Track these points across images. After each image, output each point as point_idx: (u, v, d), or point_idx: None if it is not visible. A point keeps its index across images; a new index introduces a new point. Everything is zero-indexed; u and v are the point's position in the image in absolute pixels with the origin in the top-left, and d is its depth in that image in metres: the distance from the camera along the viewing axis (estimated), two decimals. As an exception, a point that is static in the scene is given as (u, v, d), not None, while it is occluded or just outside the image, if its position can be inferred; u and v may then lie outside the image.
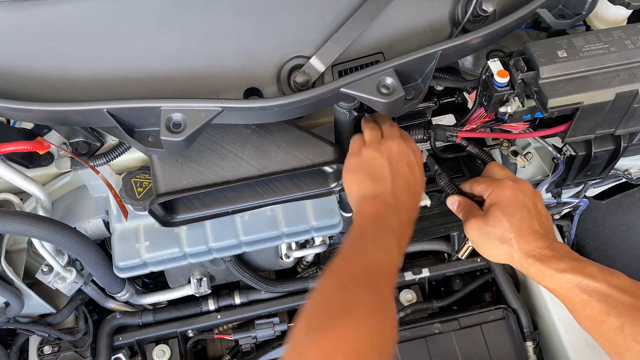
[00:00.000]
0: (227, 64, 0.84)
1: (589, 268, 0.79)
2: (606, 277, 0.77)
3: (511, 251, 0.86)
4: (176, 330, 1.34)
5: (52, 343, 1.30)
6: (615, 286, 0.75)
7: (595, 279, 0.77)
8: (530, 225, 0.87)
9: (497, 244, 0.87)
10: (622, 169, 1.17)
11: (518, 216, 0.87)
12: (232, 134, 0.94)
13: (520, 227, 0.86)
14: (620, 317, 0.73)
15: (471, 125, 1.02)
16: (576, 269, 0.79)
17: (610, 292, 0.75)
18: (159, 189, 0.91)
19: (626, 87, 0.86)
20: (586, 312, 0.77)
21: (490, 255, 0.90)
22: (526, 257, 0.85)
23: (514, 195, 0.89)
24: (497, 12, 0.89)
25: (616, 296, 0.74)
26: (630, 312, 0.72)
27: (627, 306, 0.73)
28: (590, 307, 0.76)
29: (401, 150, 0.90)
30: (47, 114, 0.79)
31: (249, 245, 1.15)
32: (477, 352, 1.32)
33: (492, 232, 0.88)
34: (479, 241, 0.91)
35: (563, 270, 0.80)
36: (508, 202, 0.88)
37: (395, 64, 0.81)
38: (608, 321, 0.74)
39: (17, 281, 1.12)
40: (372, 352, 0.65)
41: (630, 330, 0.71)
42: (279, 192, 1.03)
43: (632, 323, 0.71)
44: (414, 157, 0.91)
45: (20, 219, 0.91)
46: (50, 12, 0.81)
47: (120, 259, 1.11)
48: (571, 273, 0.79)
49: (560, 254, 0.82)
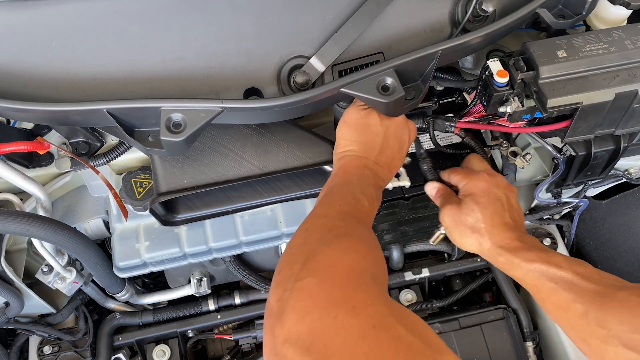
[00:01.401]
0: (227, 64, 0.84)
1: (556, 258, 0.81)
2: (572, 266, 0.79)
3: (481, 241, 0.90)
4: (176, 330, 1.34)
5: (52, 343, 1.30)
6: (580, 275, 0.77)
7: (561, 268, 0.79)
8: (502, 218, 0.90)
9: (468, 232, 0.91)
10: (622, 169, 1.17)
11: (491, 208, 0.90)
12: (232, 133, 0.94)
13: (492, 218, 0.90)
14: (585, 304, 0.74)
15: (469, 118, 1.03)
16: (543, 258, 0.82)
17: (575, 280, 0.77)
18: (160, 188, 0.91)
19: (626, 87, 0.86)
20: (553, 300, 0.79)
21: (460, 243, 0.94)
22: (495, 247, 0.88)
23: (488, 188, 0.93)
24: (497, 12, 0.89)
25: (581, 284, 0.76)
26: (594, 298, 0.74)
27: (592, 293, 0.74)
28: (557, 295, 0.78)
29: (399, 125, 0.90)
30: (47, 114, 0.79)
31: (249, 245, 1.15)
32: (477, 352, 1.32)
33: (465, 220, 0.91)
34: (451, 228, 0.94)
35: (531, 260, 0.82)
36: (482, 193, 0.92)
37: (395, 64, 0.81)
38: (573, 308, 0.75)
39: (17, 281, 1.12)
40: (372, 266, 0.66)
41: (594, 315, 0.72)
42: (280, 191, 1.04)
43: (596, 309, 0.73)
44: (407, 136, 0.93)
45: (20, 219, 0.91)
46: (50, 12, 0.81)
47: (120, 259, 1.11)
48: (539, 263, 0.81)
49: (528, 245, 0.85)
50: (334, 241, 0.66)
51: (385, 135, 0.88)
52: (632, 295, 0.71)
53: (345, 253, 0.64)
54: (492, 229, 0.89)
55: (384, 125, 0.88)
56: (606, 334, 0.70)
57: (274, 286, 0.63)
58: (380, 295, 0.59)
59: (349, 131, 0.88)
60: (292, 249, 0.68)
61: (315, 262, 0.62)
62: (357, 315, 0.55)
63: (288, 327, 0.56)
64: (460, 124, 1.04)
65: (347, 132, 0.88)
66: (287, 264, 0.64)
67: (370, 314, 0.55)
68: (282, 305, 0.58)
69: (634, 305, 0.70)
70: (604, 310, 0.72)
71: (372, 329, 0.53)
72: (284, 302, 0.58)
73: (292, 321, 0.56)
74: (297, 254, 0.65)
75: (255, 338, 1.37)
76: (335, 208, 0.75)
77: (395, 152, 0.90)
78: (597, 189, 1.28)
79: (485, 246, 0.89)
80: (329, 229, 0.69)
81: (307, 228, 0.71)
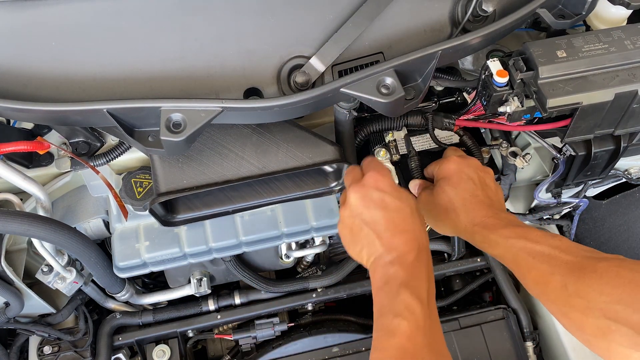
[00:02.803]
0: (227, 64, 0.84)
1: (532, 233, 0.81)
2: (549, 240, 0.78)
3: (455, 220, 0.89)
4: (176, 330, 1.34)
5: (52, 343, 1.30)
6: (557, 247, 0.77)
7: (538, 242, 0.79)
8: (474, 196, 0.90)
9: (442, 213, 0.91)
10: (622, 169, 1.17)
11: (462, 187, 0.90)
12: (232, 134, 0.94)
13: (464, 197, 0.89)
14: (564, 276, 0.73)
15: (469, 115, 1.03)
16: (520, 234, 0.81)
17: (553, 253, 0.76)
18: (159, 189, 0.91)
19: (626, 87, 0.86)
20: (532, 274, 0.78)
21: (437, 227, 0.94)
22: (471, 225, 0.87)
23: (458, 168, 0.93)
24: (497, 12, 0.89)
25: (559, 256, 0.76)
26: (572, 270, 0.73)
27: (570, 265, 0.74)
28: (535, 270, 0.77)
29: (362, 194, 0.82)
30: (47, 114, 0.79)
31: (249, 245, 1.15)
32: (477, 352, 1.32)
33: (438, 202, 0.91)
34: (426, 213, 0.94)
35: (507, 237, 0.82)
36: (452, 174, 0.92)
37: (395, 64, 0.81)
38: (552, 280, 0.75)
39: (17, 281, 1.12)
40: None
41: (573, 287, 0.72)
42: (280, 192, 1.04)
43: (575, 281, 0.72)
44: (383, 182, 0.83)
45: (20, 219, 0.91)
46: (50, 12, 0.81)
47: (120, 259, 1.11)
48: (515, 238, 0.81)
49: (504, 222, 0.85)
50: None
51: (362, 219, 0.80)
52: (611, 266, 0.71)
53: None
54: (464, 207, 0.88)
55: (354, 213, 0.81)
56: (586, 305, 0.70)
57: None
58: None
59: (345, 240, 0.84)
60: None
61: None
62: None
63: None
64: (459, 122, 1.04)
65: (345, 242, 0.84)
66: None
67: None
68: None
69: (613, 276, 0.69)
70: (583, 282, 0.71)
71: None
72: None
73: None
74: None
75: (255, 338, 1.37)
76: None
77: (385, 216, 0.80)
78: (597, 189, 1.28)
79: (461, 226, 0.89)
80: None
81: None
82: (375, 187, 0.82)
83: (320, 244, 1.27)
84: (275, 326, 1.36)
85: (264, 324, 1.37)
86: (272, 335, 1.37)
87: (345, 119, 0.95)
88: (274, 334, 1.37)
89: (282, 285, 1.33)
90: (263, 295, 1.36)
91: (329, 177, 1.04)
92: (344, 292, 1.37)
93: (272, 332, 1.36)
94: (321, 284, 1.34)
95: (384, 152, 1.08)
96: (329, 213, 1.15)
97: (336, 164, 0.98)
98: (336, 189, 1.04)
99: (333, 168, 1.02)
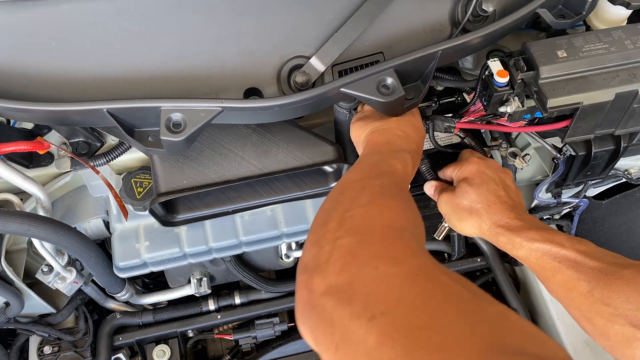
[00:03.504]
0: (227, 64, 0.84)
1: (558, 236, 0.80)
2: (574, 245, 0.78)
3: (480, 221, 0.89)
4: (176, 330, 1.34)
5: (52, 343, 1.30)
6: (583, 252, 0.76)
7: (564, 246, 0.78)
8: (498, 197, 0.90)
9: (466, 214, 0.90)
10: (622, 169, 1.17)
11: (484, 187, 0.90)
12: (232, 134, 0.94)
13: (487, 197, 0.89)
14: (590, 282, 0.73)
15: (469, 117, 1.03)
16: (545, 237, 0.81)
17: (579, 258, 0.76)
18: (159, 189, 0.91)
19: (626, 87, 0.86)
20: (557, 279, 0.78)
21: (460, 228, 0.93)
22: (495, 226, 0.87)
23: (479, 169, 0.93)
24: (497, 12, 0.89)
25: (585, 262, 0.75)
26: (599, 276, 0.73)
27: (596, 271, 0.74)
28: (561, 274, 0.77)
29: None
30: (47, 114, 0.79)
31: (249, 245, 1.15)
32: (477, 352, 1.32)
33: (460, 203, 0.91)
34: (449, 214, 0.94)
35: (533, 239, 0.81)
36: (474, 175, 0.93)
37: (396, 64, 0.81)
38: (578, 286, 0.74)
39: (17, 281, 1.12)
40: (410, 224, 0.64)
41: (599, 294, 0.72)
42: (280, 192, 1.04)
43: (601, 287, 0.72)
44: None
45: (20, 219, 0.91)
46: (50, 12, 0.81)
47: (120, 259, 1.11)
48: (541, 242, 0.80)
49: (529, 224, 0.84)
50: (369, 200, 0.63)
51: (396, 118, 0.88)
52: (638, 273, 0.71)
53: (380, 212, 0.62)
54: (488, 208, 0.88)
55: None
56: (612, 312, 0.70)
57: (308, 245, 0.60)
58: (420, 249, 0.57)
59: (362, 121, 0.88)
60: (327, 210, 0.65)
61: (351, 222, 0.60)
62: (399, 264, 0.53)
63: (327, 279, 0.53)
64: (460, 124, 1.04)
65: (360, 123, 0.88)
66: (322, 225, 0.61)
67: (412, 264, 0.53)
68: (319, 261, 0.55)
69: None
70: (609, 289, 0.71)
71: (416, 276, 0.51)
72: (321, 258, 0.55)
73: (331, 274, 0.53)
74: (332, 214, 0.62)
75: (255, 338, 1.37)
76: (366, 171, 0.73)
77: (412, 120, 0.89)
78: (597, 189, 1.28)
79: (485, 227, 0.88)
80: (362, 188, 0.66)
81: (341, 191, 0.69)
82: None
83: (320, 244, 1.27)
84: (276, 326, 1.36)
85: (264, 324, 1.37)
86: (272, 335, 1.37)
87: (345, 119, 0.95)
88: (274, 334, 1.37)
89: (282, 285, 1.33)
90: (263, 295, 1.36)
91: (329, 177, 1.04)
92: (344, 292, 1.37)
93: (272, 332, 1.36)
94: (321, 284, 1.34)
95: None
96: (329, 213, 1.14)
97: (336, 164, 0.98)
98: (336, 189, 1.04)
99: (333, 168, 1.03)
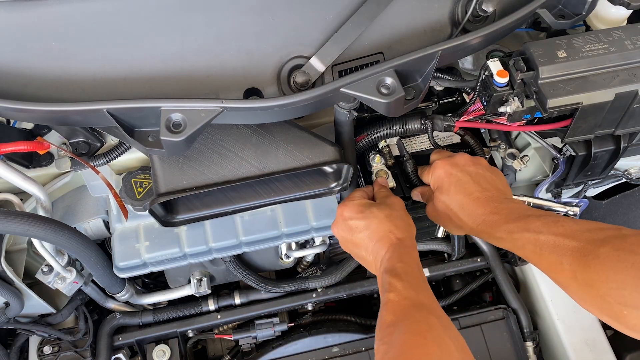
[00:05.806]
0: (227, 64, 0.84)
1: (534, 222, 0.79)
2: (551, 228, 0.77)
3: (460, 224, 0.90)
4: (176, 330, 1.34)
5: (52, 343, 1.30)
6: (561, 234, 0.76)
7: (541, 232, 0.78)
8: (469, 195, 0.90)
9: (446, 220, 0.93)
10: (622, 169, 1.17)
11: (453, 190, 0.92)
12: (232, 134, 0.94)
13: (458, 200, 0.90)
14: (572, 264, 0.73)
15: (469, 116, 1.03)
16: (522, 227, 0.80)
17: (557, 241, 0.76)
18: (159, 189, 0.91)
19: (626, 87, 0.86)
20: (542, 265, 0.78)
21: (449, 230, 0.97)
22: (475, 225, 0.87)
23: (445, 172, 0.94)
24: (497, 12, 0.89)
25: (564, 243, 0.75)
26: (578, 258, 0.73)
27: (575, 252, 0.73)
28: (544, 261, 0.77)
29: (344, 225, 0.96)
30: (47, 114, 0.79)
31: (249, 246, 1.15)
32: (477, 352, 1.32)
33: (440, 212, 0.94)
34: (435, 221, 0.98)
35: (511, 232, 0.81)
36: (442, 181, 0.94)
37: (395, 64, 0.81)
38: (562, 270, 0.74)
39: (17, 281, 1.12)
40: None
41: (582, 276, 0.72)
42: (279, 192, 1.03)
43: (582, 269, 0.72)
44: (350, 213, 0.96)
45: (20, 219, 0.91)
46: (50, 12, 0.81)
47: (120, 259, 1.11)
48: (519, 232, 0.80)
49: (505, 217, 0.84)
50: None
51: (349, 238, 0.96)
52: (611, 250, 0.70)
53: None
54: (463, 210, 0.89)
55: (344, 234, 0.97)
56: (596, 292, 0.70)
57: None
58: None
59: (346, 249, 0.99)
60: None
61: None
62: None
63: None
64: (459, 123, 1.04)
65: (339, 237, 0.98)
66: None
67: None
68: None
69: (615, 261, 0.69)
70: (589, 270, 0.71)
71: None
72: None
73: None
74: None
75: (255, 338, 1.37)
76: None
77: (360, 236, 0.94)
78: (597, 189, 1.28)
79: (466, 228, 0.90)
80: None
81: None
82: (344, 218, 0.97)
83: (320, 244, 1.27)
84: (275, 326, 1.36)
85: (264, 324, 1.37)
86: (272, 335, 1.37)
87: (345, 119, 0.95)
88: (274, 334, 1.37)
89: (282, 285, 1.33)
90: (263, 295, 1.36)
91: (328, 178, 1.04)
92: (344, 292, 1.37)
93: (272, 332, 1.36)
94: (321, 284, 1.34)
95: (379, 158, 1.09)
96: (329, 213, 1.15)
97: (336, 164, 0.98)
98: (336, 189, 1.04)
99: (333, 168, 1.02)
